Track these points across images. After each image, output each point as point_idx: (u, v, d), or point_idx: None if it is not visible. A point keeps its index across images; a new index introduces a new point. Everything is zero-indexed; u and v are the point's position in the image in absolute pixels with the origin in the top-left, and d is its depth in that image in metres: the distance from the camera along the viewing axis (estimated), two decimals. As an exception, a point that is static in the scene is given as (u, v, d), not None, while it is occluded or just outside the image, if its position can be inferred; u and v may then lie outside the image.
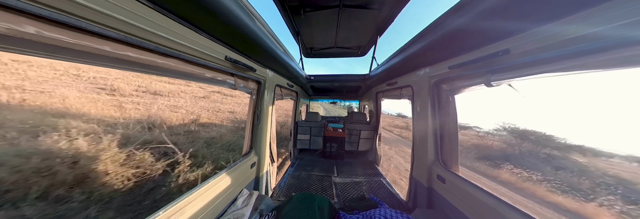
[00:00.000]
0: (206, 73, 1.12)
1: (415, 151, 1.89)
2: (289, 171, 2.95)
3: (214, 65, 1.12)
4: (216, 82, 1.24)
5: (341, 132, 3.46)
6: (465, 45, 1.06)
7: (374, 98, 3.38)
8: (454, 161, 1.51)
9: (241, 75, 1.45)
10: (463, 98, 2.50)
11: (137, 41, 0.69)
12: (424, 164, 1.70)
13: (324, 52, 2.97)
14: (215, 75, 1.20)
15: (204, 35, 0.95)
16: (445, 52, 1.22)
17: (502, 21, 0.75)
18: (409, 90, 1.97)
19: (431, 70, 1.54)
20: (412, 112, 1.94)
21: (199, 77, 1.09)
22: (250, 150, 1.86)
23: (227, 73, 1.33)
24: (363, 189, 2.45)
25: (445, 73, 1.38)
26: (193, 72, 1.02)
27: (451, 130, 1.52)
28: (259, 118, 1.87)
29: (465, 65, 1.12)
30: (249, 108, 1.83)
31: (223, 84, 1.32)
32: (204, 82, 1.18)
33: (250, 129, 1.84)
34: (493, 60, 0.96)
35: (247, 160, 1.71)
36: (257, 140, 1.90)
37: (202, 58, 1.02)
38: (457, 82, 1.35)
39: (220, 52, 1.11)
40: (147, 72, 0.84)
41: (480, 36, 0.92)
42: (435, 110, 1.61)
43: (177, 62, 0.90)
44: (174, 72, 0.92)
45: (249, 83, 1.66)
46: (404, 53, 1.51)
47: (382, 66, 2.17)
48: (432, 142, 1.65)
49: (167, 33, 0.77)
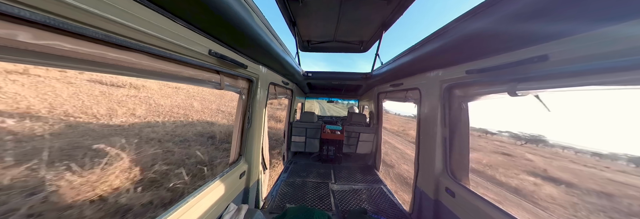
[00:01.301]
0: (183, 71, 0.98)
1: (420, 159, 1.81)
2: (282, 177, 2.84)
3: (193, 61, 0.99)
4: (196, 81, 1.11)
5: (340, 135, 3.35)
6: (489, 48, 0.95)
7: (375, 98, 3.28)
8: (465, 174, 1.42)
9: (229, 72, 1.31)
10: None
11: (90, 31, 0.56)
12: (430, 174, 1.62)
13: (322, 45, 2.83)
14: (195, 74, 1.06)
15: (181, 24, 0.82)
16: (464, 55, 1.11)
17: (545, 21, 0.64)
18: (416, 93, 1.86)
19: (444, 73, 1.44)
20: (418, 117, 1.85)
21: (174, 76, 0.96)
22: (240, 157, 1.74)
23: (211, 71, 1.20)
24: (363, 198, 2.36)
25: (460, 78, 1.28)
26: (166, 69, 0.88)
27: (462, 140, 1.42)
28: (250, 121, 1.75)
29: (487, 71, 1.00)
30: (237, 110, 1.70)
31: (205, 84, 1.18)
32: (181, 82, 1.04)
33: (239, 134, 1.72)
34: (524, 67, 0.85)
35: (236, 170, 1.59)
36: (247, 146, 1.78)
37: (178, 53, 0.89)
38: (474, 88, 1.24)
39: (202, 45, 0.98)
40: (105, 70, 0.70)
41: (511, 39, 0.81)
42: (444, 117, 1.52)
43: (144, 57, 0.76)
44: (139, 71, 0.79)
45: (238, 82, 1.53)
46: (415, 53, 1.40)
47: (387, 65, 2.06)
48: (440, 151, 1.57)
49: (131, 20, 0.64)
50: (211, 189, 1.25)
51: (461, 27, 0.90)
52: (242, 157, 1.75)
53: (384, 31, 2.23)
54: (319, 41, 2.70)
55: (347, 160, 3.77)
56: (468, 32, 0.87)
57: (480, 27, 0.79)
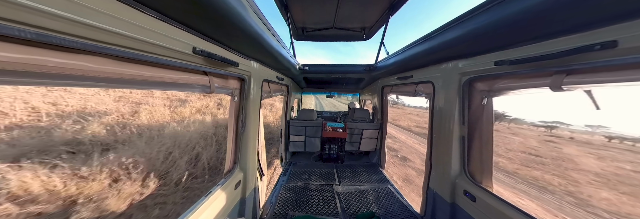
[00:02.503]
0: (164, 76, 0.84)
1: (432, 159, 1.75)
2: (281, 181, 2.74)
3: (175, 63, 0.85)
4: (181, 86, 0.97)
5: (342, 132, 3.25)
6: (530, 34, 0.83)
7: (379, 92, 3.16)
8: (487, 176, 1.34)
9: (218, 72, 1.17)
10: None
11: (49, 37, 0.43)
12: (445, 175, 1.56)
13: (319, 33, 2.66)
14: (179, 78, 0.92)
15: (155, 16, 0.68)
16: (493, 43, 0.99)
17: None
18: (428, 86, 1.76)
19: (465, 64, 1.32)
20: (430, 113, 1.77)
21: (151, 82, 0.81)
22: (235, 166, 1.62)
23: (198, 72, 1.06)
24: (370, 200, 2.29)
25: (486, 70, 1.17)
26: (140, 75, 0.74)
27: (485, 139, 1.34)
28: (244, 124, 1.62)
29: (526, 62, 0.89)
30: (230, 114, 1.56)
31: (192, 88, 1.04)
32: (162, 88, 0.90)
33: (233, 140, 1.59)
34: (579, 56, 0.73)
35: (231, 180, 1.48)
36: (242, 153, 1.66)
37: (154, 54, 0.75)
38: (503, 81, 1.13)
39: (184, 42, 0.84)
40: (51, 82, 0.55)
41: (564, 21, 0.68)
42: (463, 113, 1.42)
43: (107, 61, 0.62)
44: (104, 79, 0.64)
45: (229, 82, 1.39)
46: (431, 42, 1.29)
47: (395, 56, 1.93)
48: (457, 150, 1.50)
49: (88, 15, 0.50)
50: (205, 208, 1.14)
51: (494, 10, 0.79)
52: (237, 165, 1.64)
53: (391, 15, 2.08)
54: (316, 28, 2.52)
55: (350, 159, 3.70)
56: (503, 15, 0.75)
57: (520, 8, 0.68)
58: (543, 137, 19.67)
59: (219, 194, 1.30)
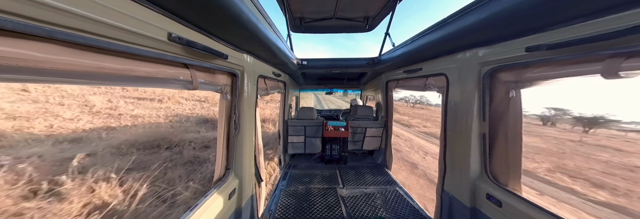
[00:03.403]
0: (137, 69, 0.71)
1: (446, 158, 1.64)
2: (280, 186, 2.60)
3: (149, 53, 0.72)
4: (158, 81, 0.83)
5: (344, 131, 3.12)
6: (576, 12, 0.70)
7: (383, 87, 3.03)
8: (515, 178, 1.22)
9: (202, 65, 1.03)
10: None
11: None
12: (463, 177, 1.45)
13: (318, 24, 2.51)
14: (155, 71, 0.78)
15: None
16: (524, 25, 0.87)
17: None
18: (441, 79, 1.63)
19: (486, 53, 1.20)
20: (444, 109, 1.66)
21: (121, 77, 0.68)
22: (228, 172, 1.49)
23: (177, 65, 0.92)
24: (377, 203, 2.18)
25: (513, 58, 1.04)
26: (106, 68, 0.61)
27: (512, 136, 1.22)
28: (238, 125, 1.48)
29: (570, 46, 0.76)
30: (220, 113, 1.43)
31: (169, 84, 0.90)
32: (134, 84, 0.76)
33: (224, 143, 1.45)
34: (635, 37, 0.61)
35: (224, 189, 1.34)
36: (236, 157, 1.53)
37: (123, 42, 0.62)
38: (536, 70, 1.00)
39: (158, 27, 0.71)
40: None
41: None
42: (484, 109, 1.30)
43: (57, 50, 0.50)
44: (61, 74, 0.51)
45: (216, 78, 1.25)
46: (446, 29, 1.18)
47: (402, 47, 1.80)
48: (476, 150, 1.38)
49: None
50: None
51: None
52: (231, 172, 1.50)
53: (397, 2, 1.93)
54: (315, 18, 2.37)
55: (353, 159, 3.58)
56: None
57: None
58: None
59: (208, 206, 1.16)
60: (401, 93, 9.68)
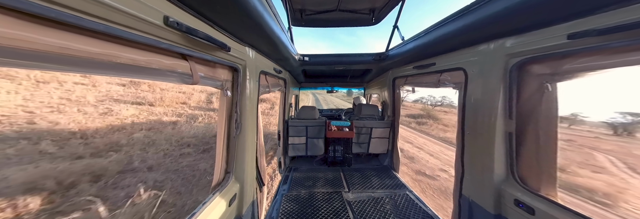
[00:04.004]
0: (124, 56, 0.60)
1: (465, 160, 1.54)
2: (281, 190, 2.49)
3: (142, 38, 0.63)
4: (152, 73, 0.72)
5: (348, 132, 3.01)
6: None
7: (389, 85, 2.94)
8: (549, 183, 1.13)
9: (203, 57, 0.92)
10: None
11: None
12: (484, 180, 1.35)
13: (320, 17, 2.38)
14: (147, 60, 0.68)
15: None
16: (570, 8, 0.79)
17: None
18: (458, 75, 1.54)
19: (516, 43, 1.11)
20: (461, 107, 1.57)
21: (105, 65, 0.57)
22: (228, 176, 1.38)
23: (174, 55, 0.81)
24: (387, 209, 2.07)
25: (551, 48, 0.95)
26: (86, 52, 0.51)
27: (545, 135, 1.14)
28: (240, 125, 1.38)
29: (627, 30, 0.67)
30: (220, 112, 1.32)
31: (168, 77, 0.79)
32: (123, 75, 0.65)
33: (224, 144, 1.35)
34: None
35: (224, 194, 1.24)
36: (237, 160, 1.42)
37: (110, 22, 0.53)
38: (579, 60, 0.91)
39: (153, 9, 0.62)
40: None
41: None
42: (510, 105, 1.21)
43: (40, 30, 0.42)
44: (32, 57, 0.42)
45: (217, 72, 1.14)
46: (466, 19, 1.10)
47: (413, 41, 1.71)
48: (501, 151, 1.28)
49: None
50: None
51: None
52: (231, 175, 1.39)
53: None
54: (317, 10, 2.26)
55: (357, 161, 3.47)
56: None
57: None
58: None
59: (207, 214, 1.05)
60: (416, 93, 9.55)
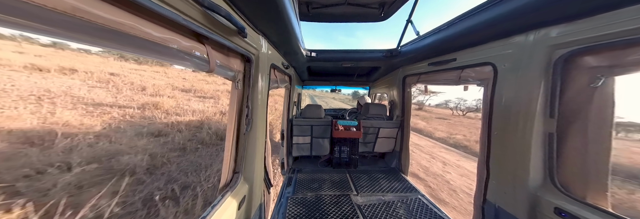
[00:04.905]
0: (137, 29, 0.50)
1: (491, 162, 1.46)
2: (285, 193, 2.37)
3: (154, 6, 0.51)
4: (162, 53, 0.61)
5: (356, 132, 2.91)
6: None
7: (399, 84, 2.85)
8: (598, 190, 1.03)
9: (219, 41, 0.81)
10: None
11: None
12: (516, 185, 1.27)
13: (327, 11, 2.29)
14: (160, 37, 0.57)
15: None
16: None
17: None
18: (485, 70, 1.46)
19: (564, 31, 1.03)
20: (488, 104, 1.47)
21: (117, 37, 0.47)
22: (236, 176, 1.27)
23: (190, 35, 0.70)
24: (400, 213, 1.98)
25: (615, 35, 0.86)
26: (104, 20, 0.42)
27: (595, 135, 1.04)
28: (250, 121, 1.27)
29: None
30: (231, 106, 1.20)
31: (181, 60, 0.68)
32: (127, 50, 0.54)
33: (234, 141, 1.24)
34: None
35: (233, 196, 1.13)
36: (247, 159, 1.31)
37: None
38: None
39: None
40: None
41: None
42: (552, 103, 1.12)
43: None
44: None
45: (230, 61, 1.03)
46: (502, 7, 1.04)
47: (430, 35, 1.64)
48: (538, 153, 1.19)
49: None
50: None
51: None
52: (240, 176, 1.28)
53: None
54: (324, 4, 2.16)
55: (363, 163, 3.38)
56: None
57: None
58: None
59: (218, 216, 0.95)
60: (441, 96, 8.60)
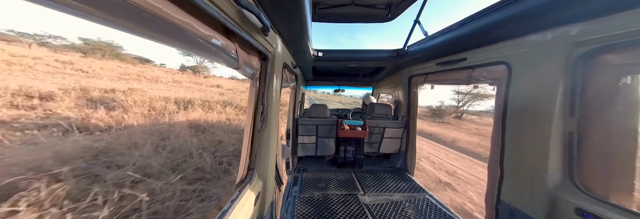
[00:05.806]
0: (173, 17, 0.50)
1: (505, 162, 1.47)
2: (292, 192, 2.39)
3: (207, 8, 0.54)
4: (199, 45, 0.62)
5: (361, 132, 2.93)
6: None
7: (404, 84, 2.88)
8: (623, 190, 1.05)
9: (244, 37, 0.82)
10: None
11: None
12: (534, 185, 1.28)
13: (335, 12, 2.30)
14: (191, 28, 0.57)
15: None
16: None
17: None
18: (499, 69, 1.48)
19: (585, 29, 1.06)
20: (502, 103, 1.49)
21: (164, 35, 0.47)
22: (251, 172, 1.29)
23: (218, 27, 0.71)
24: (409, 213, 2.00)
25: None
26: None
27: (619, 134, 1.04)
28: (265, 118, 1.29)
29: None
30: (249, 103, 1.22)
31: (214, 54, 0.69)
32: (186, 49, 0.55)
33: (250, 138, 1.25)
34: None
35: (250, 192, 1.15)
36: (261, 155, 1.33)
37: None
38: None
39: None
40: None
41: None
42: (573, 100, 1.14)
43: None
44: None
45: (252, 59, 1.04)
46: (521, 5, 1.05)
47: (440, 35, 1.67)
48: (557, 151, 1.20)
49: None
50: None
51: None
52: (254, 172, 1.30)
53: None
54: (332, 4, 2.18)
55: (368, 163, 3.41)
56: None
57: None
58: None
59: (238, 213, 0.97)
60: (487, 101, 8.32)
